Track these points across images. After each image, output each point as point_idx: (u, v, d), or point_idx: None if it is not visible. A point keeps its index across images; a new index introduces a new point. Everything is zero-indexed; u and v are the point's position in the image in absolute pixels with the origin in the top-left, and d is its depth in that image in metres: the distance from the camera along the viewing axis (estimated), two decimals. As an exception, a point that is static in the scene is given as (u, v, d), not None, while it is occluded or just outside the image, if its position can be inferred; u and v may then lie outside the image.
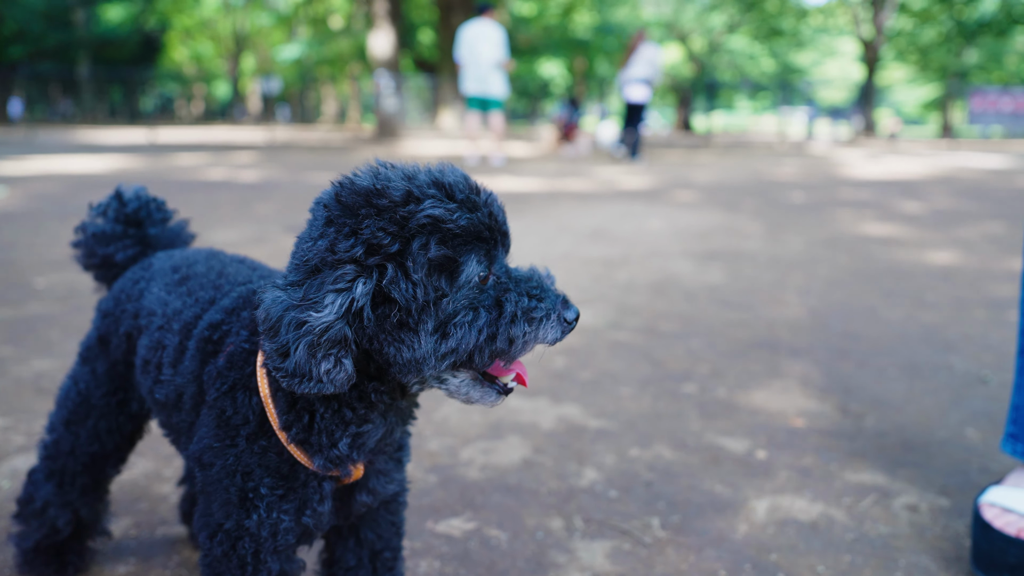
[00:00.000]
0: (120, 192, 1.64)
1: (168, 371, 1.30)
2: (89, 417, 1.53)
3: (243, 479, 1.14)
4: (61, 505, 1.58)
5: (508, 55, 12.73)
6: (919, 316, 3.97)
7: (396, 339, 1.01)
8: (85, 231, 1.63)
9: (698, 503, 2.05)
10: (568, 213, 7.57)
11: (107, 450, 1.56)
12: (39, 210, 7.13)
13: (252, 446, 1.14)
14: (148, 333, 1.38)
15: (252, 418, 1.14)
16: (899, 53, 41.57)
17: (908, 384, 2.98)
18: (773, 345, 3.47)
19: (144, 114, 39.83)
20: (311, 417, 1.12)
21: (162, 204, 1.71)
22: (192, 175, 10.83)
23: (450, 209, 1.01)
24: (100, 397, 1.53)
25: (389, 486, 1.29)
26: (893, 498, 2.09)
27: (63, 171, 10.97)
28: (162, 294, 1.40)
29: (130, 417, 1.56)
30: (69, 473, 1.56)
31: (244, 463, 1.14)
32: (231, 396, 1.16)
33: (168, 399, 1.30)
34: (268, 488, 1.15)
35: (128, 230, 1.63)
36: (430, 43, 34.01)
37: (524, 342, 1.04)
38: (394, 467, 1.30)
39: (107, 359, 1.53)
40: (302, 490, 1.17)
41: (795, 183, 11.34)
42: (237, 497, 1.15)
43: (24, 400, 2.65)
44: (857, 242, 6.20)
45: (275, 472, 1.15)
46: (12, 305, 3.86)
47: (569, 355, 3.27)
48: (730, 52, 47.43)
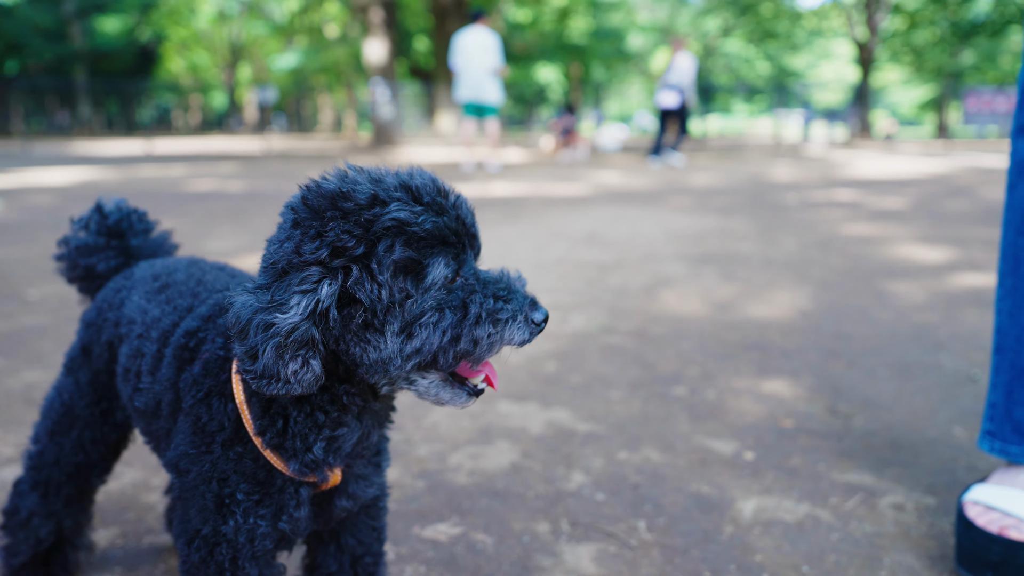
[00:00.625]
0: (100, 204, 1.65)
1: (147, 379, 1.31)
2: (73, 427, 1.54)
3: (219, 485, 1.15)
4: (45, 515, 1.58)
5: (503, 61, 12.76)
6: (910, 316, 3.98)
7: (362, 340, 1.02)
8: (68, 244, 1.64)
9: (684, 505, 2.06)
10: (562, 218, 7.58)
11: (92, 460, 1.56)
12: (34, 222, 7.14)
13: (227, 452, 1.15)
14: (128, 341, 1.39)
15: (227, 424, 1.15)
16: (893, 54, 41.69)
17: (898, 384, 2.99)
18: (764, 347, 3.48)
19: (141, 125, 39.89)
20: (285, 421, 1.13)
21: (144, 215, 1.71)
22: (188, 186, 10.85)
23: (416, 212, 1.02)
24: (84, 407, 1.53)
25: (368, 490, 1.30)
26: (879, 497, 2.10)
27: (59, 183, 11.00)
28: (142, 302, 1.41)
29: (114, 427, 1.56)
30: (54, 483, 1.56)
31: (220, 469, 1.15)
32: (206, 403, 1.17)
33: (147, 407, 1.31)
34: (244, 494, 1.15)
35: (110, 241, 1.64)
36: (425, 50, 34.12)
37: (489, 343, 1.05)
38: (372, 471, 1.30)
39: (90, 369, 1.53)
40: (279, 496, 1.17)
41: (790, 185, 11.36)
42: (213, 503, 1.15)
43: (14, 411, 2.65)
44: (850, 243, 6.21)
45: (251, 478, 1.15)
46: (4, 317, 3.87)
47: (560, 359, 3.28)
48: (725, 56, 47.60)
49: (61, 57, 36.54)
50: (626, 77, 50.74)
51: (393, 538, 1.88)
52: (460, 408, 1.12)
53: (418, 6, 31.52)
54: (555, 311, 4.07)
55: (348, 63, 35.55)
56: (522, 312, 1.08)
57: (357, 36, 31.15)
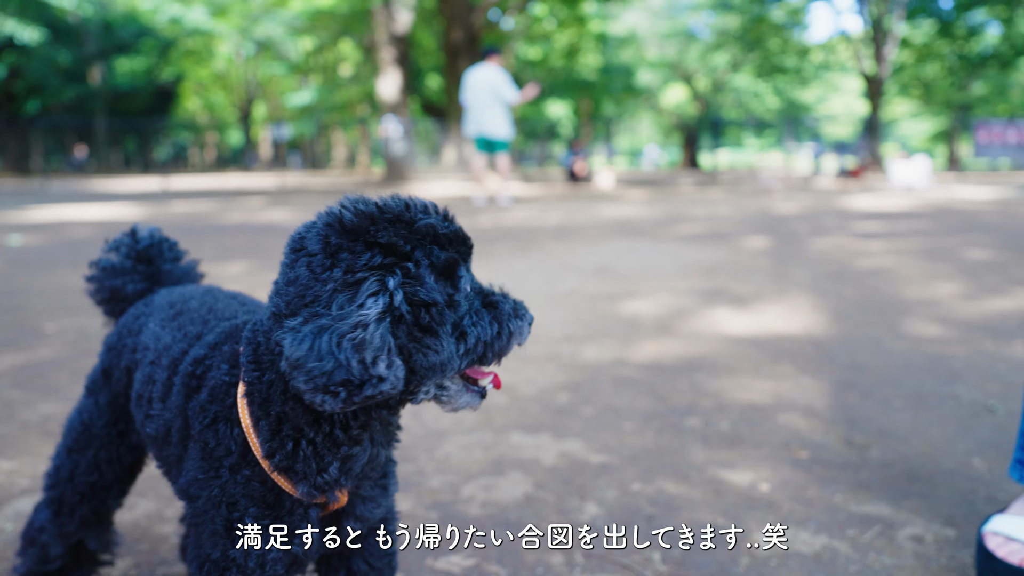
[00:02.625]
0: (135, 229, 1.70)
1: (158, 405, 1.33)
2: (90, 447, 1.56)
3: (228, 509, 1.16)
4: (56, 534, 1.59)
5: (516, 90, 12.94)
6: (924, 347, 3.95)
7: (422, 344, 1.06)
8: (98, 265, 1.69)
9: (699, 537, 2.04)
10: (573, 251, 7.61)
11: (107, 481, 1.58)
12: (52, 257, 7.24)
13: (235, 476, 1.16)
14: (142, 367, 1.41)
15: (234, 448, 1.16)
16: (902, 87, 41.90)
17: (913, 414, 2.96)
18: (778, 377, 3.46)
19: (158, 163, 40.54)
20: (295, 444, 1.14)
21: (174, 244, 1.76)
22: (204, 220, 10.99)
23: (441, 221, 1.12)
24: (101, 427, 1.56)
25: (376, 511, 1.30)
26: (898, 529, 2.07)
27: (78, 219, 11.16)
28: (157, 329, 1.44)
29: (130, 448, 1.59)
30: (67, 503, 1.57)
31: (228, 493, 1.16)
32: (213, 428, 1.19)
33: (158, 433, 1.33)
34: (253, 518, 1.16)
35: (138, 266, 1.69)
36: (437, 87, 34.61)
37: (519, 335, 1.14)
38: (379, 493, 1.30)
39: (109, 391, 1.57)
40: (288, 518, 1.18)
41: (801, 217, 11.37)
42: (223, 527, 1.16)
43: (30, 443, 2.67)
44: (863, 275, 6.20)
45: (260, 501, 1.16)
46: (21, 350, 3.91)
47: (572, 391, 3.28)
48: (735, 90, 47.98)
49: (81, 97, 37.30)
50: (636, 112, 51.19)
51: (405, 569, 1.87)
52: (472, 410, 1.16)
53: (430, 44, 32.08)
54: (567, 343, 4.07)
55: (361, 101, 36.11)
56: (522, 317, 1.16)
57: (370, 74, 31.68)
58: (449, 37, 23.58)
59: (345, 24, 27.55)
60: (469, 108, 13.11)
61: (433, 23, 28.53)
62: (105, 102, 38.12)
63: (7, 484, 2.35)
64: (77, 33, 35.94)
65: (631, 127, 59.43)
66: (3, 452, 2.59)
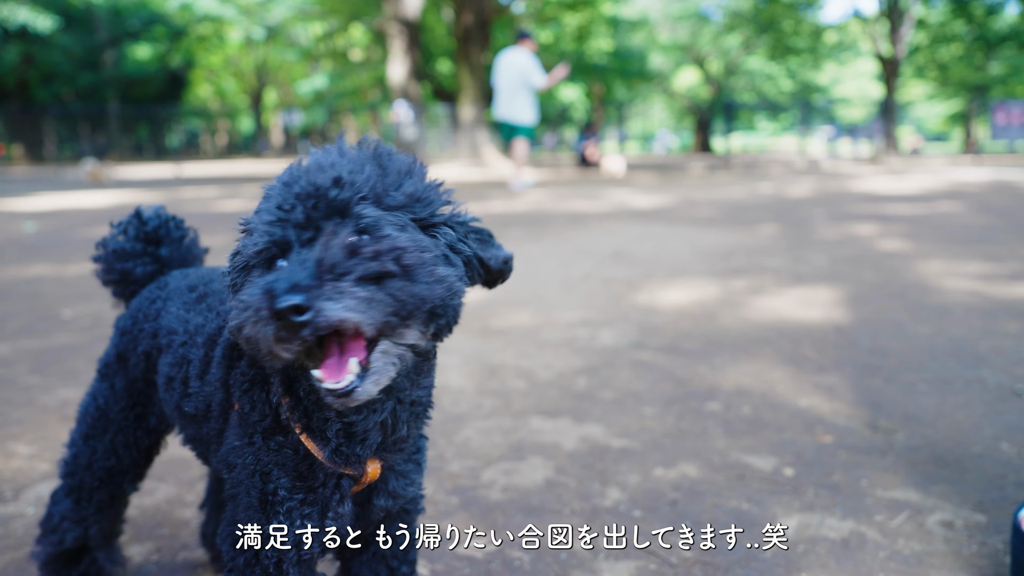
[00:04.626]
0: (140, 211, 1.67)
1: (196, 383, 1.32)
2: (107, 431, 1.55)
3: (262, 480, 1.15)
4: (75, 520, 1.59)
5: (544, 74, 12.81)
6: (948, 330, 3.90)
7: None
8: (106, 247, 1.66)
9: (724, 521, 2.01)
10: (588, 235, 7.56)
11: (124, 465, 1.57)
12: (67, 243, 7.26)
13: (268, 442, 1.15)
14: (171, 351, 1.39)
15: (268, 412, 1.15)
16: (918, 69, 41.31)
17: (939, 399, 2.91)
18: (799, 362, 3.42)
19: (170, 149, 40.61)
20: (299, 400, 1.13)
21: (180, 222, 1.73)
22: (217, 207, 10.99)
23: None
24: (118, 412, 1.55)
25: (409, 488, 1.28)
26: (927, 515, 2.03)
27: (91, 206, 11.19)
28: (181, 312, 1.42)
29: (147, 431, 1.57)
30: (86, 488, 1.57)
31: (262, 462, 1.15)
32: (249, 393, 1.18)
33: (197, 410, 1.32)
34: (287, 491, 1.14)
35: (147, 248, 1.66)
36: (448, 72, 34.44)
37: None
38: (413, 468, 1.28)
39: (126, 376, 1.55)
40: (322, 490, 1.16)
41: (817, 201, 11.25)
42: (258, 500, 1.15)
43: (49, 428, 2.67)
44: (881, 258, 6.12)
45: (293, 471, 1.15)
46: (40, 336, 3.92)
47: (590, 375, 3.25)
48: (748, 73, 47.47)
49: (93, 84, 37.36)
50: (648, 96, 50.81)
51: (428, 555, 1.85)
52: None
53: (441, 29, 31.88)
54: (583, 327, 4.04)
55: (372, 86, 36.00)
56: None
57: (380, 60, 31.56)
58: (460, 21, 23.41)
59: (355, 8, 27.39)
60: (497, 92, 13.07)
61: (443, 7, 28.36)
62: (117, 89, 38.15)
63: (27, 469, 2.35)
64: (89, 20, 35.92)
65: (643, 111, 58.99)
66: (23, 437, 2.59)
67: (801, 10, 39.26)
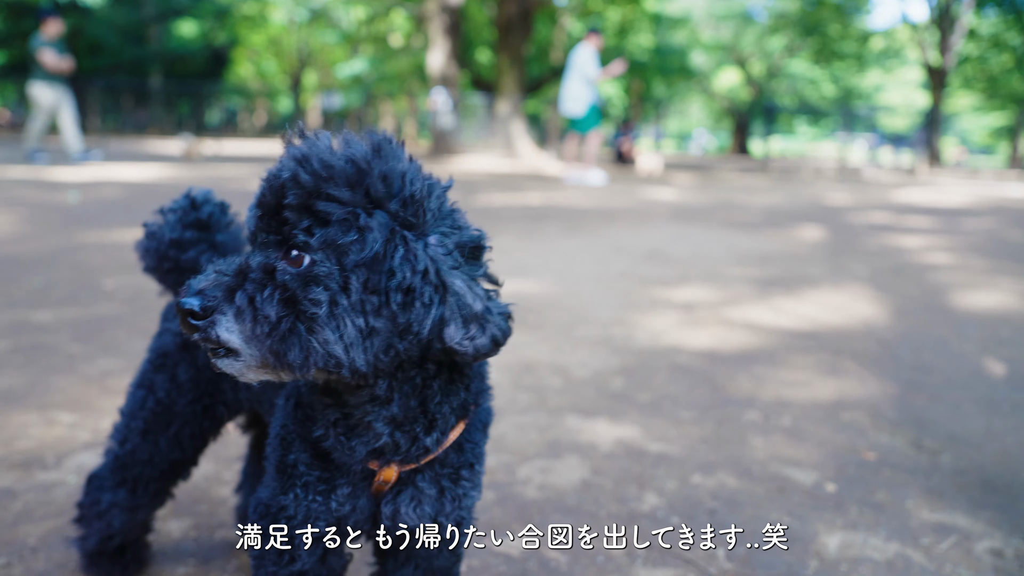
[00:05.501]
0: (192, 196, 1.62)
1: None
2: (171, 425, 1.52)
3: (283, 448, 1.16)
4: (129, 509, 1.58)
5: (598, 67, 12.76)
6: (994, 349, 3.79)
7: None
8: (156, 235, 1.59)
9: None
10: (623, 232, 7.50)
11: (187, 456, 1.56)
12: (109, 214, 7.37)
13: (296, 412, 1.16)
14: None
15: (304, 385, 1.16)
16: (966, 80, 40.38)
17: (986, 421, 2.84)
18: (840, 374, 3.35)
19: (209, 126, 41.08)
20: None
21: (227, 208, 1.69)
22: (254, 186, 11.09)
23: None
24: (185, 405, 1.51)
25: (414, 517, 1.17)
26: (975, 541, 1.97)
27: (133, 178, 11.35)
28: None
29: (214, 421, 1.55)
30: (143, 480, 1.55)
31: (287, 429, 1.16)
32: None
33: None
34: (305, 465, 1.15)
35: (197, 234, 1.62)
36: (488, 62, 34.36)
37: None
38: (438, 495, 1.18)
39: (193, 365, 1.51)
40: (335, 471, 1.16)
41: (857, 209, 11.05)
42: (276, 468, 1.16)
43: (90, 398, 2.70)
44: (923, 271, 5.99)
45: (312, 447, 1.15)
46: (82, 305, 3.97)
47: (627, 376, 3.21)
48: (790, 76, 46.78)
49: (138, 58, 37.87)
50: (687, 95, 50.29)
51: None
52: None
53: (482, 18, 31.80)
54: (618, 326, 4.00)
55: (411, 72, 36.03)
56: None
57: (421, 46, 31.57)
58: (502, 11, 23.31)
59: (398, -7, 27.41)
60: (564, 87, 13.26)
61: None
62: (161, 64, 38.64)
63: (69, 437, 2.37)
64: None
65: (681, 110, 58.40)
66: (65, 405, 2.62)
67: (849, 14, 38.56)
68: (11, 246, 5.53)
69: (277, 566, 1.18)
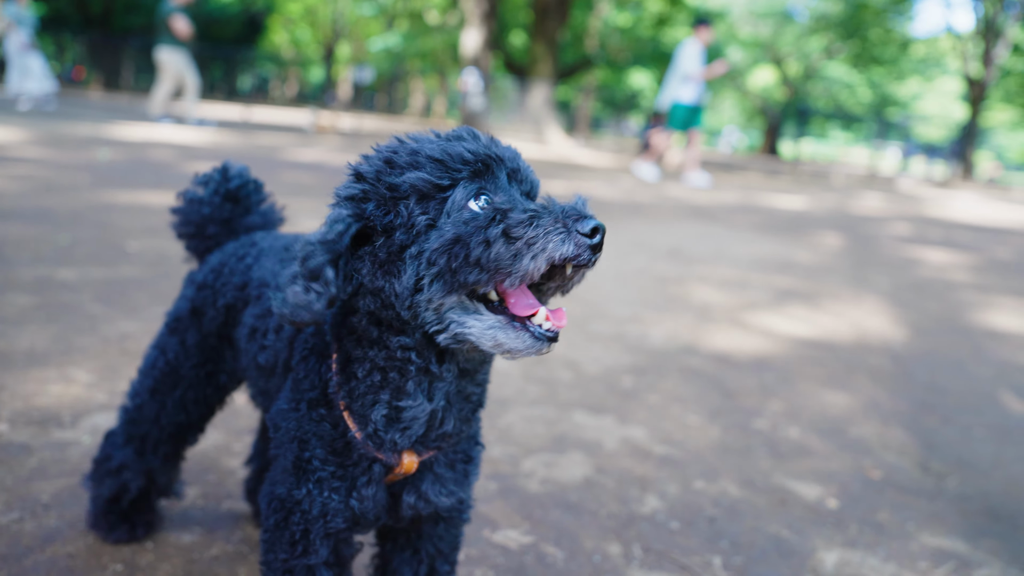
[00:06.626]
0: (226, 167, 1.68)
1: (271, 336, 1.34)
2: (177, 387, 1.57)
3: (300, 447, 1.17)
4: (138, 470, 1.62)
5: (695, 62, 12.50)
6: (1011, 375, 3.76)
7: (384, 271, 1.03)
8: (187, 200, 1.67)
9: (762, 546, 1.98)
10: (645, 228, 7.47)
11: (192, 420, 1.60)
12: (137, 176, 7.45)
13: (311, 412, 1.17)
14: (259, 303, 1.41)
15: (317, 384, 1.17)
16: (1007, 94, 39.62)
17: (996, 447, 2.82)
18: (852, 389, 3.34)
19: (240, 92, 41.26)
20: (349, 379, 1.13)
21: (261, 186, 1.74)
22: (281, 154, 11.15)
23: (431, 141, 1.08)
24: (190, 368, 1.56)
25: (443, 499, 1.24)
26: (973, 569, 1.97)
27: (162, 140, 11.45)
28: (276, 267, 1.43)
29: (217, 388, 1.60)
30: (151, 440, 1.60)
31: (303, 429, 1.17)
32: (305, 360, 1.19)
33: (268, 363, 1.35)
34: (320, 461, 1.16)
35: (227, 205, 1.67)
36: (521, 45, 34.17)
37: (513, 256, 0.96)
38: (453, 478, 1.24)
39: (199, 331, 1.56)
40: (352, 469, 1.17)
41: (884, 220, 10.93)
42: (292, 464, 1.17)
43: (109, 359, 2.75)
44: (946, 289, 5.92)
45: (328, 445, 1.16)
46: (106, 265, 4.03)
47: (637, 375, 3.22)
48: (826, 79, 46.12)
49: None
50: (720, 91, 49.80)
51: (464, 541, 1.86)
52: (534, 355, 1.02)
53: (520, 0, 31.61)
54: (634, 324, 4.00)
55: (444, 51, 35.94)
56: (558, 222, 0.98)
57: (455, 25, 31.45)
58: (540, -5, 23.17)
59: (437, -29, 27.31)
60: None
61: (525, -21, 28.08)
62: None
63: (86, 397, 2.42)
64: (177, -45, 36.65)
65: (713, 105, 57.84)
66: (84, 364, 2.68)
67: (891, 19, 37.89)
68: (44, 199, 5.61)
69: (289, 555, 1.20)
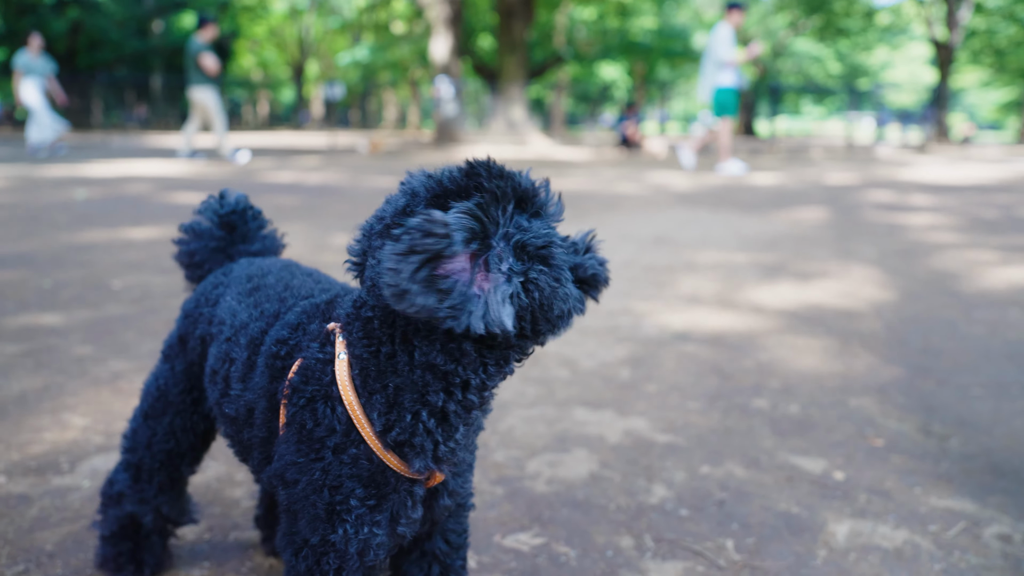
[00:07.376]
0: (223, 194, 1.69)
1: (237, 386, 1.31)
2: (166, 413, 1.57)
3: (331, 493, 1.12)
4: (137, 501, 1.61)
5: (730, 47, 12.28)
6: (1003, 332, 3.79)
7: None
8: (186, 230, 1.69)
9: (773, 525, 1.98)
10: (629, 219, 7.49)
11: (182, 448, 1.59)
12: (116, 212, 7.40)
13: (340, 456, 1.12)
14: (217, 343, 1.40)
15: (338, 428, 1.12)
16: (974, 54, 39.97)
17: (995, 404, 2.83)
18: (848, 360, 3.35)
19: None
20: (415, 416, 1.09)
21: (258, 213, 1.74)
22: (258, 178, 11.10)
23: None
24: (177, 394, 1.56)
25: (466, 485, 1.29)
26: (984, 527, 1.98)
27: (138, 174, 11.38)
28: (233, 303, 1.42)
29: (203, 417, 1.59)
30: (146, 468, 1.59)
31: (332, 476, 1.12)
32: (310, 409, 1.14)
33: (239, 414, 1.31)
34: (359, 499, 1.12)
35: (222, 233, 1.67)
36: (489, 48, 34.20)
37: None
38: (467, 468, 1.29)
39: (184, 358, 1.57)
40: (394, 496, 1.14)
41: (864, 188, 10.99)
42: (324, 512, 1.13)
43: (102, 400, 2.73)
44: (932, 251, 5.96)
45: (367, 482, 1.13)
46: (91, 306, 4.00)
47: (634, 366, 3.22)
48: (794, 55, 46.40)
49: (140, 52, 37.89)
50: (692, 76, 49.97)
51: (474, 546, 1.85)
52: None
53: (484, 3, 31.64)
54: (626, 315, 4.00)
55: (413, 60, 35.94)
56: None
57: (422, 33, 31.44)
58: (503, -4, 23.18)
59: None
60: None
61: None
62: (163, 58, 38.65)
63: (82, 441, 2.40)
64: (137, -11, 36.44)
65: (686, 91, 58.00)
66: (77, 408, 2.65)
67: (854, -10, 38.13)
68: (23, 243, 5.56)
69: None
